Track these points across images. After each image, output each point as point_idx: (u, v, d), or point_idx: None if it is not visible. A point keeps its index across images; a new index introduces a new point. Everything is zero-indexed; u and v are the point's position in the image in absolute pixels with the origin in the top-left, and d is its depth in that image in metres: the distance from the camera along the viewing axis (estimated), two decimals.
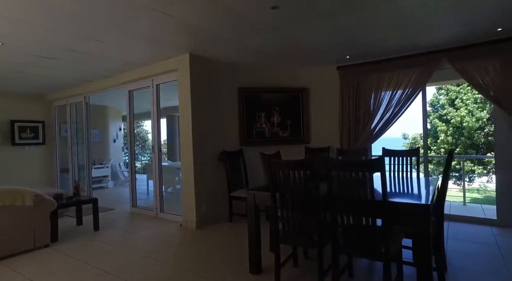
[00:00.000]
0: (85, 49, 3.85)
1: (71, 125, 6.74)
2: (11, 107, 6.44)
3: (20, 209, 3.40)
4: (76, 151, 6.77)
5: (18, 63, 4.34)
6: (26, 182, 6.52)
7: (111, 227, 4.40)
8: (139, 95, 5.46)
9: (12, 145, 6.41)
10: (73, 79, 5.48)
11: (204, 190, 4.36)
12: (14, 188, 3.43)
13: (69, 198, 4.19)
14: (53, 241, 3.78)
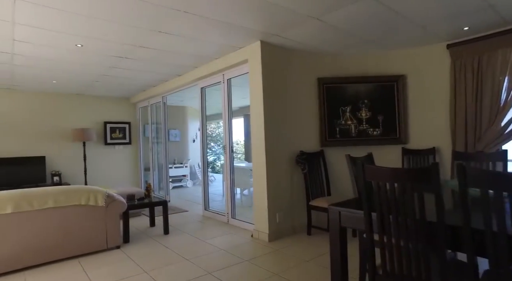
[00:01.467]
0: (154, 44, 3.67)
1: (151, 126, 6.97)
2: (104, 110, 6.94)
3: (93, 209, 3.36)
4: (156, 151, 6.97)
5: (98, 65, 4.45)
6: (115, 180, 6.98)
7: (181, 231, 4.19)
8: (217, 95, 5.22)
9: (105, 145, 6.90)
10: (150, 80, 5.53)
11: (278, 198, 3.80)
12: (88, 187, 3.41)
13: (140, 199, 4.10)
14: (125, 242, 3.70)
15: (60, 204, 3.16)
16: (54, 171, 6.00)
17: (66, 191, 3.23)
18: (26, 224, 2.99)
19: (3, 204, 2.89)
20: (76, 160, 6.48)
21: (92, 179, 6.62)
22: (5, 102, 5.80)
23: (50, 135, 6.23)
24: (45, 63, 4.28)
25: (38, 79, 5.13)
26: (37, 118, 6.09)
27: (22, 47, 3.62)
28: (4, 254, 2.87)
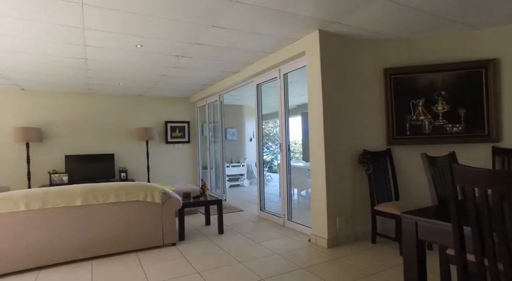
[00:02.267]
0: (208, 40, 3.61)
1: (209, 125, 7.07)
2: (165, 110, 7.26)
3: (150, 205, 3.42)
4: (214, 149, 7.05)
5: (157, 64, 4.58)
6: (175, 177, 7.24)
7: (235, 231, 4.09)
8: (274, 93, 5.05)
9: (165, 143, 7.21)
10: (206, 79, 5.58)
11: (338, 201, 3.47)
12: (145, 184, 3.49)
13: (195, 197, 4.10)
14: (181, 240, 3.72)
15: (121, 199, 3.27)
16: (122, 168, 6.43)
17: (125, 187, 3.34)
18: (92, 217, 3.15)
19: (74, 197, 3.07)
20: (140, 157, 6.88)
21: (154, 176, 6.97)
22: (83, 105, 6.38)
23: (118, 134, 6.70)
24: (111, 66, 4.54)
25: (107, 82, 5.52)
26: (107, 119, 6.60)
27: (92, 52, 3.86)
28: (75, 243, 3.05)
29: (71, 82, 5.45)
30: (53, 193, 3.02)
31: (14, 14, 2.79)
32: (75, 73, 4.86)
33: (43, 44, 3.54)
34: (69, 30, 3.18)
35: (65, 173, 5.88)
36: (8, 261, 2.82)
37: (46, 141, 6.05)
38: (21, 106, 5.89)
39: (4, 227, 2.82)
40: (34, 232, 2.92)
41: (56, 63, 4.30)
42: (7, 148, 5.75)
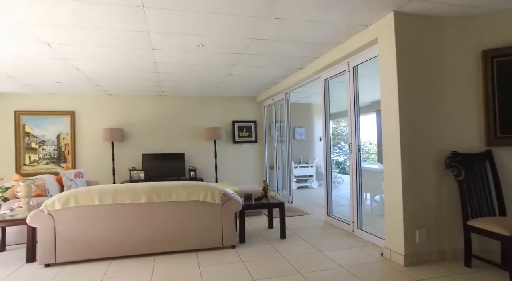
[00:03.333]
0: (268, 34, 3.42)
1: (276, 124, 6.90)
2: (233, 109, 7.34)
3: (211, 206, 3.38)
4: (280, 149, 6.86)
5: (221, 64, 4.57)
6: (242, 177, 7.26)
7: (298, 237, 3.81)
8: (344, 89, 4.65)
9: (233, 143, 7.29)
10: (271, 76, 5.41)
11: (419, 211, 2.93)
12: (206, 184, 3.46)
13: (257, 199, 3.95)
14: (241, 242, 3.61)
15: (182, 199, 3.29)
16: (191, 167, 6.69)
17: (186, 186, 3.35)
18: (155, 214, 3.24)
19: (139, 194, 3.20)
20: (209, 157, 7.07)
21: (221, 175, 7.09)
22: (158, 107, 6.84)
23: (189, 134, 7.00)
24: (178, 68, 4.69)
25: (177, 84, 5.77)
26: (179, 119, 6.95)
27: (159, 55, 4.02)
28: (139, 238, 3.18)
29: (146, 86, 5.85)
30: (122, 190, 3.18)
31: (87, 25, 3.01)
32: (147, 77, 5.18)
33: (114, 51, 3.80)
34: (136, 35, 3.33)
35: (142, 170, 6.37)
36: (84, 249, 3.06)
37: (127, 141, 6.64)
38: (108, 110, 6.58)
39: (83, 218, 3.07)
40: (106, 224, 3.12)
41: (129, 69, 4.62)
42: (97, 147, 6.48)
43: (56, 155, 6.30)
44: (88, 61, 4.19)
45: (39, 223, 2.99)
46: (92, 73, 4.81)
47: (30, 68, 4.41)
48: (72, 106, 6.41)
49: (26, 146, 6.18)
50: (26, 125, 6.18)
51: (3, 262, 3.18)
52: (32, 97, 6.23)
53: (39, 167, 6.22)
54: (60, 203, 3.01)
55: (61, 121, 6.32)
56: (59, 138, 6.32)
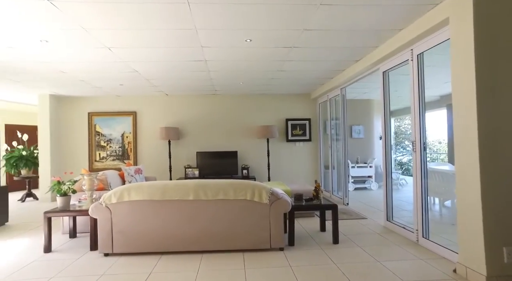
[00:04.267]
0: (317, 24, 3.19)
1: (331, 122, 6.55)
2: (286, 107, 7.17)
3: (258, 206, 3.27)
4: (336, 148, 6.50)
5: (270, 59, 4.44)
6: (295, 176, 7.06)
7: (353, 243, 3.50)
8: (407, 83, 4.20)
9: (286, 142, 7.12)
10: (324, 71, 5.11)
11: (506, 222, 2.43)
12: (254, 183, 3.36)
13: (308, 200, 3.73)
14: (290, 245, 3.43)
15: (229, 197, 3.24)
16: (244, 165, 6.69)
17: (233, 185, 3.29)
18: (202, 212, 3.24)
19: (187, 191, 3.22)
20: (261, 155, 7.00)
21: (274, 174, 6.97)
22: (211, 106, 6.99)
23: (241, 132, 7.02)
24: (228, 65, 4.68)
25: (229, 82, 5.79)
26: (232, 118, 7.01)
27: (209, 52, 4.04)
28: (187, 235, 3.21)
29: (199, 85, 5.99)
30: (171, 187, 3.24)
31: (132, 26, 3.11)
32: (199, 76, 5.28)
33: (165, 51, 3.91)
34: (184, 33, 3.36)
35: (196, 168, 6.55)
36: (136, 242, 3.19)
37: (183, 139, 6.90)
38: (165, 109, 6.92)
39: (135, 212, 3.19)
40: (155, 219, 3.20)
41: (181, 68, 4.74)
42: (155, 145, 6.86)
43: (121, 152, 6.82)
44: (143, 62, 4.40)
45: (98, 215, 3.19)
46: (148, 74, 5.06)
47: (96, 72, 4.80)
48: (134, 106, 6.87)
49: (97, 144, 6.80)
50: (96, 125, 6.81)
51: (73, 248, 3.48)
52: (101, 99, 6.83)
53: (107, 163, 6.80)
54: (116, 197, 3.17)
55: (125, 121, 6.82)
56: (123, 136, 6.83)
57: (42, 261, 3.13)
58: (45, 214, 3.40)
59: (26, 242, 3.78)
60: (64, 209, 3.45)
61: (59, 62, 4.27)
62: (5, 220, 4.79)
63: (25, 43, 3.55)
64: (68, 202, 3.50)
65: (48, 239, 3.39)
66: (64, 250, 3.44)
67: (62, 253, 3.36)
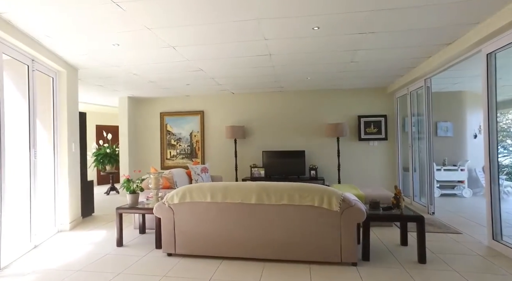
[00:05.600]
0: (399, 1, 2.66)
1: (411, 118, 5.73)
2: (358, 103, 6.54)
3: (327, 213, 2.89)
4: (418, 148, 5.66)
5: (340, 49, 3.97)
6: (368, 179, 6.40)
7: (445, 265, 2.87)
8: None
9: (358, 140, 6.49)
10: (405, 59, 4.41)
11: None
12: (322, 187, 2.98)
13: (387, 209, 3.19)
14: (364, 260, 2.97)
15: (294, 202, 2.93)
16: (312, 165, 6.28)
17: (299, 188, 2.96)
18: (264, 216, 2.98)
19: (249, 194, 3.01)
20: (330, 155, 6.50)
21: (345, 176, 6.41)
22: (277, 103, 6.74)
23: (309, 131, 6.62)
24: (294, 58, 4.35)
25: (295, 77, 5.46)
26: (298, 116, 6.65)
27: (273, 45, 3.78)
28: (249, 241, 3.00)
29: (265, 82, 5.78)
30: (232, 189, 3.06)
31: (192, 22, 3.00)
32: (264, 72, 5.06)
33: (228, 46, 3.75)
34: (246, 25, 3.15)
35: (262, 168, 6.37)
36: (198, 244, 3.09)
37: (248, 138, 6.79)
38: (231, 108, 6.90)
39: (196, 213, 3.10)
40: (216, 222, 3.06)
41: (244, 64, 4.56)
42: (221, 144, 6.89)
43: (189, 151, 7.03)
44: (206, 60, 4.34)
45: (162, 214, 3.18)
46: (213, 72, 5.02)
47: (163, 72, 4.94)
48: (202, 106, 7.01)
49: (168, 142, 7.13)
50: (167, 125, 7.13)
51: (141, 245, 3.57)
52: (171, 100, 7.13)
53: (177, 161, 7.07)
54: (178, 197, 3.12)
55: (193, 120, 7.01)
56: (191, 135, 7.02)
57: (114, 255, 3.25)
58: (117, 210, 3.54)
59: (103, 234, 4.03)
60: (133, 206, 3.55)
61: (130, 64, 4.47)
62: (92, 211, 5.26)
63: (100, 48, 3.76)
64: (136, 199, 3.60)
65: (119, 234, 3.53)
66: (133, 246, 3.54)
67: (131, 248, 3.46)
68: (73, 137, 4.44)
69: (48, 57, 3.80)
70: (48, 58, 3.81)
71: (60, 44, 3.65)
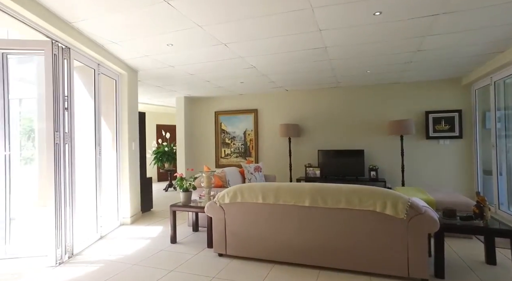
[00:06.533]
0: None
1: (495, 112, 4.92)
2: (426, 97, 5.86)
3: (391, 220, 2.56)
4: (505, 148, 4.85)
5: (406, 35, 3.52)
6: (438, 182, 5.72)
7: None
8: None
9: (426, 139, 5.82)
10: (489, 43, 3.75)
11: None
12: (386, 191, 2.65)
13: (466, 219, 2.72)
14: (437, 277, 2.56)
15: (353, 206, 2.64)
16: (371, 166, 5.79)
17: (358, 191, 2.67)
18: (319, 221, 2.75)
19: (303, 196, 2.81)
20: (393, 155, 5.93)
21: (410, 178, 5.79)
22: (333, 99, 6.36)
23: (368, 128, 6.12)
24: (351, 50, 4.00)
25: (353, 71, 5.06)
26: (357, 112, 6.20)
27: (329, 36, 3.50)
28: (302, 246, 2.80)
29: (320, 78, 5.47)
30: (285, 190, 2.88)
31: (242, 15, 2.86)
32: (319, 67, 4.77)
33: (280, 40, 3.57)
34: (300, 15, 2.94)
35: (318, 167, 6.06)
36: (248, 246, 2.98)
37: (303, 136, 6.53)
38: (285, 105, 6.71)
39: (247, 214, 2.99)
40: (267, 225, 2.91)
41: (298, 58, 4.33)
42: (275, 142, 6.74)
43: (243, 150, 7.01)
44: (258, 56, 4.21)
45: (213, 213, 3.14)
46: (265, 69, 4.88)
47: (216, 70, 4.94)
48: (255, 104, 6.94)
49: (222, 141, 7.21)
50: (222, 123, 7.21)
51: (193, 243, 3.59)
52: (226, 99, 7.20)
53: (231, 159, 7.11)
54: (229, 197, 3.04)
55: (247, 118, 6.97)
56: (245, 134, 7.00)
57: (167, 252, 3.30)
58: (171, 207, 3.60)
59: (160, 230, 4.16)
60: (186, 205, 3.58)
61: (185, 64, 4.55)
62: (150, 207, 5.52)
63: (156, 49, 3.87)
64: (189, 197, 3.63)
65: (173, 230, 3.59)
66: (186, 243, 3.57)
67: (184, 246, 3.49)
68: (133, 136, 4.68)
69: (111, 61, 4.03)
70: (112, 61, 4.04)
71: (121, 48, 3.84)
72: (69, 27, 3.12)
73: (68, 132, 3.19)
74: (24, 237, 3.96)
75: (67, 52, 3.21)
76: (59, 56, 3.09)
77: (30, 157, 7.44)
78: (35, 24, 2.81)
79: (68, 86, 3.20)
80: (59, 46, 3.10)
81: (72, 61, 3.30)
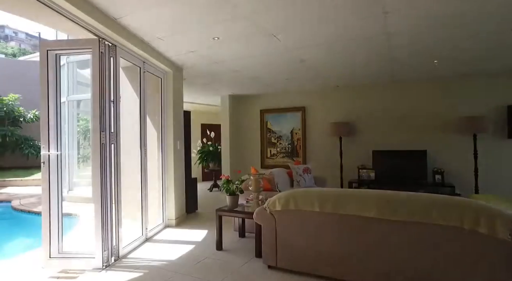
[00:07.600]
0: None
1: None
2: (505, 90, 5.02)
3: (487, 240, 2.05)
4: None
5: (503, 17, 2.92)
6: None
7: None
8: None
9: (507, 138, 4.98)
10: None
11: None
12: (476, 203, 2.15)
13: None
14: None
15: (430, 221, 2.18)
16: (436, 169, 5.11)
17: (442, 202, 2.20)
18: (388, 236, 2.32)
19: (368, 205, 2.40)
20: (463, 157, 5.17)
21: (485, 185, 4.99)
22: (390, 95, 5.76)
23: (431, 126, 5.43)
24: (420, 37, 3.46)
25: (417, 62, 4.45)
26: (417, 109, 5.54)
27: (393, 20, 3.03)
28: (367, 263, 2.39)
29: (376, 71, 4.94)
30: (346, 197, 2.50)
31: None
32: (375, 58, 4.26)
33: (333, 27, 3.16)
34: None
35: (372, 169, 5.51)
36: (302, 260, 2.64)
37: (355, 136, 6.00)
38: (335, 103, 6.23)
39: (301, 224, 2.66)
40: (325, 236, 2.55)
41: (352, 48, 3.88)
42: (324, 141, 6.29)
43: (290, 150, 6.65)
44: (309, 48, 3.84)
45: (262, 221, 2.85)
46: (316, 63, 4.48)
47: (264, 66, 4.66)
48: (303, 101, 6.54)
49: (268, 140, 6.91)
50: (268, 122, 6.92)
51: (240, 250, 3.33)
52: (271, 96, 6.89)
53: (277, 160, 6.79)
54: (281, 204, 2.72)
55: (294, 117, 6.60)
56: (292, 133, 6.64)
57: (213, 260, 3.09)
58: (217, 212, 3.38)
59: (205, 234, 3.97)
60: (232, 209, 3.33)
61: (231, 59, 4.32)
62: (195, 208, 5.39)
63: (202, 43, 3.67)
64: (236, 201, 3.38)
65: (219, 236, 3.37)
66: (232, 251, 3.33)
67: (231, 253, 3.25)
68: (178, 135, 4.57)
69: (156, 58, 3.92)
70: (157, 59, 3.93)
71: (166, 45, 3.71)
72: (115, 23, 3.02)
73: (114, 131, 3.10)
74: (78, 235, 4.00)
75: (113, 49, 3.12)
76: (105, 54, 3.01)
77: (87, 156, 7.77)
78: (83, 21, 2.73)
79: (114, 84, 3.11)
80: (105, 44, 3.02)
81: (118, 59, 3.21)
